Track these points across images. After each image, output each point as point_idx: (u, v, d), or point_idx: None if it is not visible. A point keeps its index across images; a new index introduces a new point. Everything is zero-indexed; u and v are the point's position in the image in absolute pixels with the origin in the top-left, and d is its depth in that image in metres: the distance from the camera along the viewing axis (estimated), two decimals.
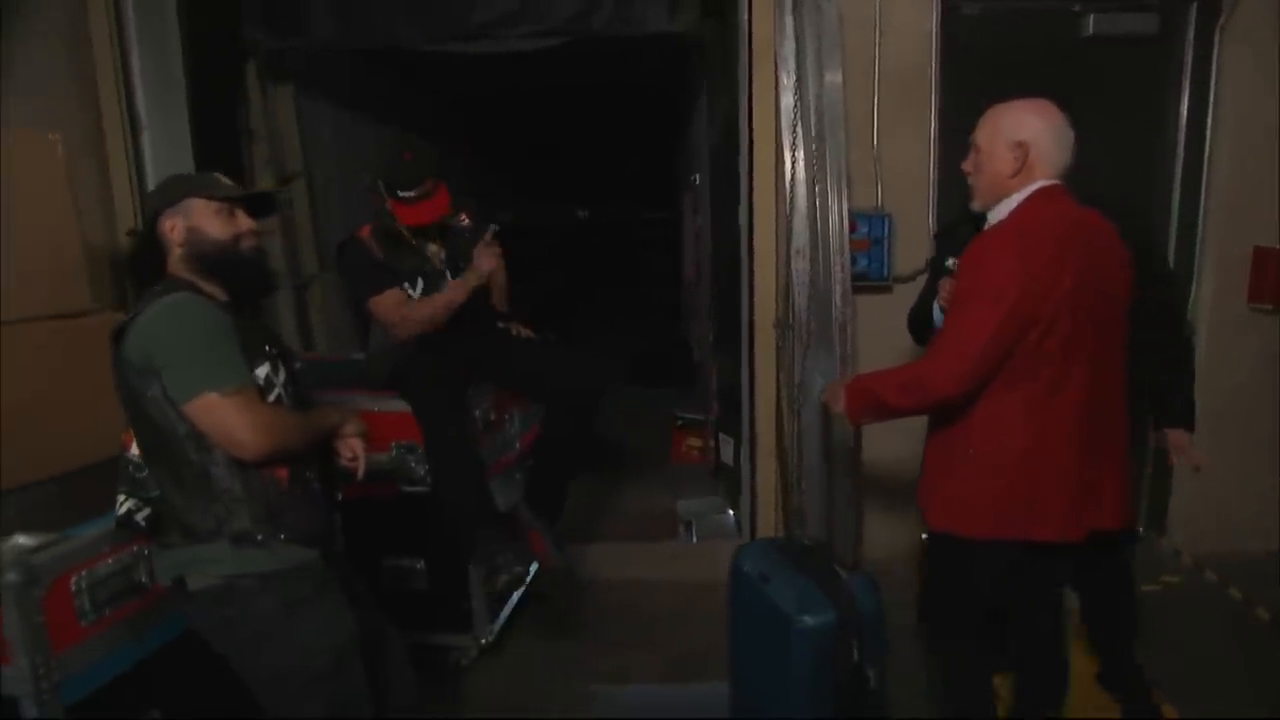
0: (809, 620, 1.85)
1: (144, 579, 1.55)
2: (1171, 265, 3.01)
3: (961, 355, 1.60)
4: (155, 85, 2.87)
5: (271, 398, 1.49)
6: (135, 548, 1.54)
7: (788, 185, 2.78)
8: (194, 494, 1.43)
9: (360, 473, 1.65)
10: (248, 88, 3.52)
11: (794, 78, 2.73)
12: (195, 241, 1.50)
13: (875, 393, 1.75)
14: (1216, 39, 2.86)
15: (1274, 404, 3.00)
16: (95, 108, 2.74)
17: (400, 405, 2.42)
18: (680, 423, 4.37)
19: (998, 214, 1.69)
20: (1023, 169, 1.62)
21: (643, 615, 2.87)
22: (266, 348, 1.54)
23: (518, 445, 2.83)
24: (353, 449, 1.64)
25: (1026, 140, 1.61)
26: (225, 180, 1.58)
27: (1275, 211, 2.89)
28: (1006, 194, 1.66)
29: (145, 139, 2.84)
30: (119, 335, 1.43)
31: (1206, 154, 2.95)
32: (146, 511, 1.50)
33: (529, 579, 2.71)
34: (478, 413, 2.50)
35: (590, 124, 7.34)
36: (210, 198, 1.53)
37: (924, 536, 2.18)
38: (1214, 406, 3.02)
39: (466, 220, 2.59)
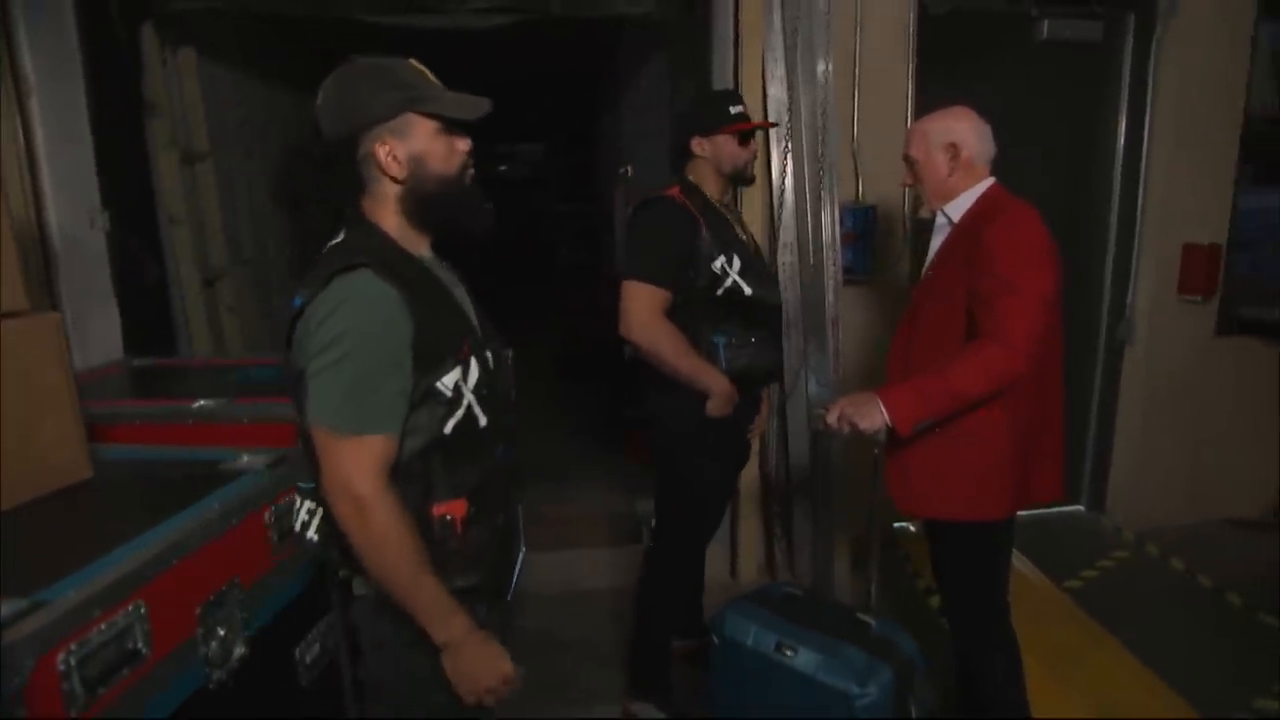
0: (874, 692, 1.65)
1: (141, 646, 1.23)
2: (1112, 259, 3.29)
3: (1030, 323, 1.57)
4: (44, 41, 2.39)
5: (458, 414, 1.16)
6: (130, 606, 1.21)
7: (775, 177, 2.71)
8: None
9: None
10: (144, 52, 3.03)
11: (782, 68, 2.66)
12: (420, 177, 1.13)
13: (942, 390, 1.60)
14: (1153, 49, 3.06)
15: (1203, 384, 3.27)
16: None
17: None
18: (631, 423, 4.23)
19: (959, 207, 1.76)
20: (958, 166, 1.75)
21: (621, 625, 2.70)
22: (464, 343, 1.17)
23: None
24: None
25: (955, 141, 1.74)
26: (433, 78, 1.17)
27: (1203, 212, 3.14)
28: (955, 192, 1.77)
29: (34, 104, 2.36)
30: (295, 320, 1.12)
31: (1144, 158, 3.15)
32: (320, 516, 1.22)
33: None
34: None
35: (497, 111, 7.02)
36: (436, 116, 1.13)
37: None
38: (1151, 388, 3.28)
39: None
